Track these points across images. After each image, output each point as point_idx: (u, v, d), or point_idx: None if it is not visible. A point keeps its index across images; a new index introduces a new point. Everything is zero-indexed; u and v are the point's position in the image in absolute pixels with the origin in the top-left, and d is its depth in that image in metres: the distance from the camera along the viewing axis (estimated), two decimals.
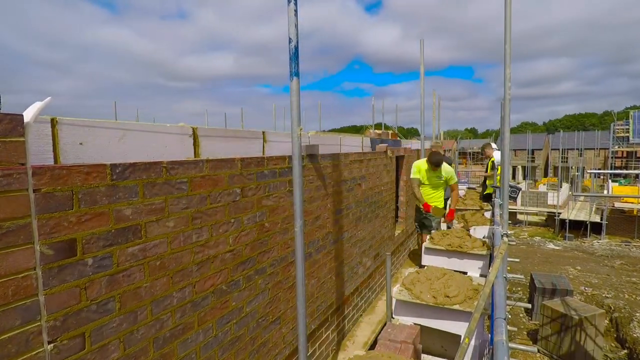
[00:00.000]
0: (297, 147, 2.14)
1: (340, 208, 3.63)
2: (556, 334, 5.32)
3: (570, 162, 30.08)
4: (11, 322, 1.17)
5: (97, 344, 1.44)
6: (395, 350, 2.55)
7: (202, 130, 2.07)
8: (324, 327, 3.39)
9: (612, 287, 7.49)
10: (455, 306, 2.89)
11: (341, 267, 3.70)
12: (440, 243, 4.38)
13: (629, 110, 31.25)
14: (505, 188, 3.75)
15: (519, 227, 21.49)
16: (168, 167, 1.73)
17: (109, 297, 1.48)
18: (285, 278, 2.69)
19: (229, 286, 2.14)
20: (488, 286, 2.33)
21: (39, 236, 1.25)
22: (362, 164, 4.18)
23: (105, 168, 1.46)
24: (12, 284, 1.17)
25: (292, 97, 2.08)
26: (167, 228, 1.73)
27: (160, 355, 1.71)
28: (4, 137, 1.15)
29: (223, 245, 2.08)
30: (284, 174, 2.61)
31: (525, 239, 15.29)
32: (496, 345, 1.70)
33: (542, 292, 6.21)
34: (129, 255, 1.55)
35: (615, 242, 15.60)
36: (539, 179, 35.47)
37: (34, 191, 1.23)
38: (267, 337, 2.52)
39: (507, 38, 3.35)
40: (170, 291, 1.76)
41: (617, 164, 30.94)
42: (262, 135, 2.57)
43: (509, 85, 3.40)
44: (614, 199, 19.70)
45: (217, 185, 2.03)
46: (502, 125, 3.73)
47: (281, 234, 2.62)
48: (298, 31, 2.03)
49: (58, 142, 1.39)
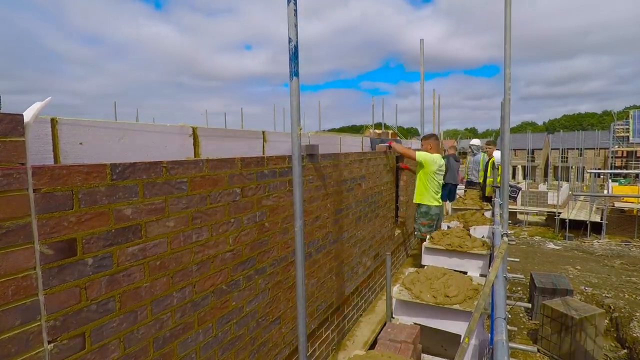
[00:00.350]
0: (297, 147, 2.14)
1: (340, 208, 3.63)
2: (556, 333, 5.32)
3: (570, 161, 30.09)
4: (11, 321, 1.17)
5: (97, 343, 1.44)
6: (396, 350, 2.56)
7: (202, 130, 2.07)
8: (324, 327, 3.39)
9: (612, 287, 7.49)
10: (455, 306, 2.89)
11: (341, 267, 3.70)
12: (440, 243, 4.38)
13: (628, 110, 31.26)
14: (505, 188, 3.76)
15: (519, 226, 21.49)
16: (168, 167, 1.73)
17: (109, 297, 1.48)
18: (285, 278, 2.69)
19: (229, 286, 2.14)
20: (488, 286, 2.34)
21: (38, 236, 1.25)
22: (362, 163, 4.18)
23: (105, 168, 1.46)
24: (12, 284, 1.17)
25: (292, 97, 2.08)
26: (167, 228, 1.73)
27: (160, 355, 1.71)
28: (4, 137, 1.15)
29: (223, 245, 2.09)
30: (284, 173, 2.61)
31: (525, 239, 15.29)
32: (496, 345, 1.70)
33: (542, 291, 6.22)
34: (129, 255, 1.55)
35: (615, 241, 15.60)
36: (538, 179, 35.47)
37: (34, 191, 1.23)
38: (267, 337, 2.52)
39: (507, 38, 3.35)
40: (170, 291, 1.76)
41: (617, 163, 30.93)
42: (262, 135, 2.57)
43: (508, 85, 3.40)
44: (614, 199, 19.70)
45: (217, 185, 2.03)
46: (502, 125, 3.73)
47: (281, 234, 2.62)
48: (298, 31, 2.03)
49: (58, 142, 1.39)
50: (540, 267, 9.04)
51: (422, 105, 7.26)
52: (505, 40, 3.37)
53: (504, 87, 3.42)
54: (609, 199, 19.64)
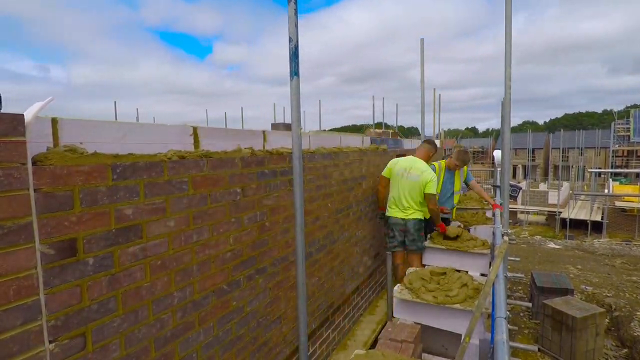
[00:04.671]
0: (298, 147, 2.14)
1: (341, 207, 3.63)
2: (557, 332, 5.32)
3: (570, 161, 30.06)
4: (12, 321, 1.17)
5: (98, 343, 1.44)
6: (396, 349, 2.55)
7: (203, 129, 2.07)
8: (324, 327, 3.39)
9: (613, 286, 7.49)
10: (456, 305, 2.89)
11: (342, 267, 3.70)
12: (441, 242, 4.38)
13: (629, 109, 31.24)
14: (506, 187, 3.75)
15: (520, 226, 21.48)
16: (169, 167, 1.73)
17: (110, 296, 1.48)
18: (285, 277, 2.69)
19: (229, 286, 2.15)
20: (488, 285, 2.33)
21: (39, 236, 1.25)
22: (362, 163, 4.18)
23: (106, 168, 1.46)
24: (13, 284, 1.17)
25: (292, 96, 2.08)
26: (168, 228, 1.73)
27: (161, 354, 1.71)
28: (5, 137, 1.15)
29: (224, 245, 2.09)
30: (284, 173, 2.61)
31: (526, 238, 15.28)
32: (497, 344, 1.70)
33: (542, 291, 6.21)
34: (129, 254, 1.55)
35: (615, 241, 15.59)
36: (539, 178, 35.44)
37: (35, 191, 1.24)
38: (267, 337, 2.52)
39: (508, 37, 3.35)
40: (171, 291, 1.76)
41: (618, 162, 30.89)
42: (262, 134, 2.57)
43: (509, 84, 3.40)
44: (614, 198, 19.68)
45: (218, 185, 2.03)
46: (503, 125, 3.73)
47: (282, 234, 2.62)
48: (298, 30, 2.03)
49: (59, 142, 1.39)
50: (541, 267, 9.04)
51: (422, 106, 7.25)
52: (506, 40, 3.36)
53: (504, 86, 3.42)
54: (610, 198, 19.61)
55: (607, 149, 30.92)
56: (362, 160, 4.17)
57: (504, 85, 3.41)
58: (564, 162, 27.02)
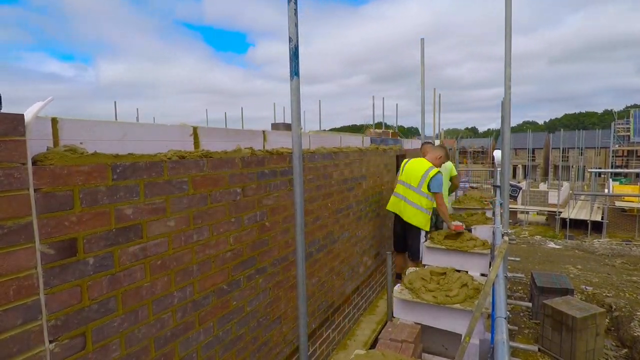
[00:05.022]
0: (298, 147, 2.14)
1: (341, 207, 3.63)
2: (557, 332, 5.32)
3: (570, 161, 30.06)
4: (12, 321, 1.17)
5: (99, 343, 1.44)
6: (396, 349, 2.55)
7: (203, 129, 2.07)
8: (324, 326, 3.39)
9: (613, 286, 7.49)
10: (456, 305, 2.89)
11: (342, 267, 3.70)
12: (441, 242, 4.37)
13: (629, 109, 31.22)
14: (506, 187, 3.75)
15: (520, 226, 21.47)
16: (169, 167, 1.73)
17: (110, 296, 1.48)
18: (285, 277, 2.69)
19: (229, 285, 2.15)
20: (488, 285, 2.33)
21: (40, 236, 1.25)
22: (362, 163, 4.18)
23: (106, 168, 1.46)
24: (14, 284, 1.17)
25: (292, 96, 2.08)
26: (168, 227, 1.73)
27: (161, 354, 1.71)
28: (5, 137, 1.15)
29: (224, 245, 2.09)
30: (284, 173, 2.61)
31: (526, 238, 15.28)
32: (497, 344, 1.70)
33: (542, 291, 6.21)
34: (130, 254, 1.56)
35: (616, 240, 15.59)
36: (539, 178, 35.44)
37: (35, 191, 1.24)
38: (268, 337, 2.52)
39: (508, 36, 3.35)
40: (171, 290, 1.76)
41: (618, 162, 30.87)
42: (262, 134, 2.57)
43: (509, 84, 3.39)
44: (614, 198, 19.68)
45: (218, 185, 2.03)
46: (503, 125, 3.73)
47: (282, 234, 2.62)
48: (298, 30, 2.02)
49: (59, 142, 1.39)
50: (541, 267, 9.03)
51: (422, 106, 7.25)
52: (506, 39, 3.36)
53: (504, 86, 3.41)
54: (610, 198, 19.61)
55: (607, 148, 30.90)
56: (362, 160, 4.17)
57: (504, 85, 3.41)
58: (564, 162, 27.03)
